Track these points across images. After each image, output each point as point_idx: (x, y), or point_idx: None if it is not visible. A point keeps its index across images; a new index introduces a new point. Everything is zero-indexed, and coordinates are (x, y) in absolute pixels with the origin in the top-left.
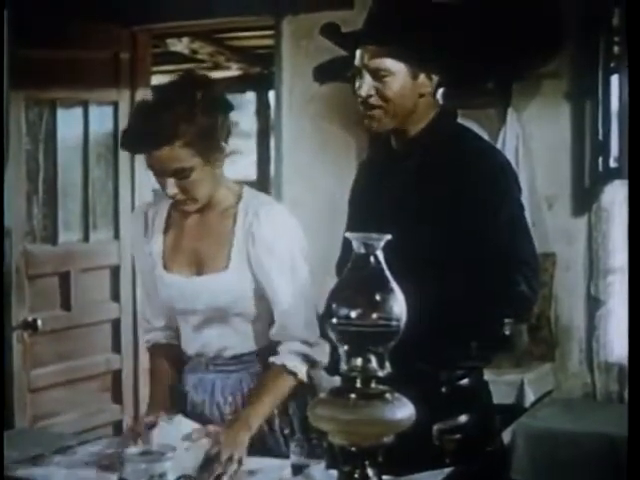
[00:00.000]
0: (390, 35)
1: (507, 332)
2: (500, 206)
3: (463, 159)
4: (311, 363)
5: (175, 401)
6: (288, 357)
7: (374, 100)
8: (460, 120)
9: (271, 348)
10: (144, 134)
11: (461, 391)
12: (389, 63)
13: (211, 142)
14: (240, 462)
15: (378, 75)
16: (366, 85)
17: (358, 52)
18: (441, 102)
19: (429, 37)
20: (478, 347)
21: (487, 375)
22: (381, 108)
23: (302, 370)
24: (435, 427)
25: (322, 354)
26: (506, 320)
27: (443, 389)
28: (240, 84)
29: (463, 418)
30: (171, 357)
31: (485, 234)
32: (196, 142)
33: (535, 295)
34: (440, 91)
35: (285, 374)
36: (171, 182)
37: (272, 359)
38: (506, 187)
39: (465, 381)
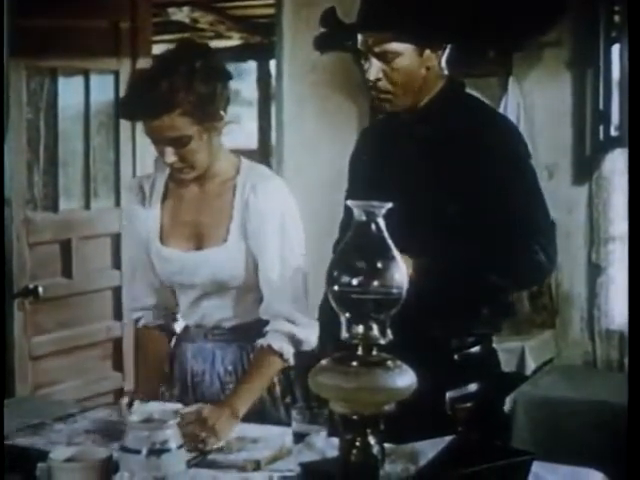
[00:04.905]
0: (388, 21)
1: (510, 299)
2: (515, 173)
3: (475, 127)
4: (297, 343)
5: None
6: (274, 337)
7: (383, 84)
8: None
9: (263, 324)
10: (142, 103)
11: (473, 359)
12: (394, 45)
13: (209, 111)
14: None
15: (386, 58)
16: (374, 68)
17: (360, 37)
18: (446, 72)
19: (429, 13)
20: (489, 314)
21: None
22: (390, 91)
23: (289, 351)
24: (447, 395)
25: (310, 334)
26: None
27: (455, 356)
28: (241, 53)
29: (474, 386)
30: (161, 337)
31: (500, 201)
32: (194, 111)
33: (552, 264)
34: (444, 59)
35: (271, 355)
36: (169, 150)
37: (259, 341)
38: (519, 154)
39: (476, 349)
